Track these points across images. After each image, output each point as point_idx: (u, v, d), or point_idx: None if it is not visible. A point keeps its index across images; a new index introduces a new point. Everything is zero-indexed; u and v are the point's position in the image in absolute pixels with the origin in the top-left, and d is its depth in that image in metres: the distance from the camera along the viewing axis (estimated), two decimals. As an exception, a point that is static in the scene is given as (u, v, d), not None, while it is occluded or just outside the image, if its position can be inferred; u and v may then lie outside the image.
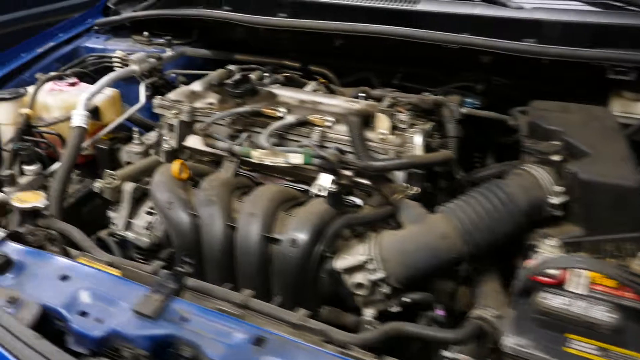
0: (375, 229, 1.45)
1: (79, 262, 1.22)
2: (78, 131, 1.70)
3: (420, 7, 1.84)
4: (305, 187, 1.62)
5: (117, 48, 2.17)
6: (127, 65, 2.10)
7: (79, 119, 1.72)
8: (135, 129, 1.87)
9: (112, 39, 2.30)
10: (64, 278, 1.14)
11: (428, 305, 1.39)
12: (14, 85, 2.02)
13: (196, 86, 1.84)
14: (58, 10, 3.64)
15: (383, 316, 1.40)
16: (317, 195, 1.52)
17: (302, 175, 1.60)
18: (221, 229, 1.46)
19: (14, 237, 1.28)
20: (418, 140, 1.52)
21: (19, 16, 3.39)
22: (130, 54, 2.13)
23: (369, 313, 1.40)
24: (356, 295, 1.39)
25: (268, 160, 1.55)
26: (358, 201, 1.55)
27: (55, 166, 1.74)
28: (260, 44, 2.26)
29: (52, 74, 2.06)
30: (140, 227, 1.62)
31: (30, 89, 1.90)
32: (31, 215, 1.42)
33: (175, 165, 1.55)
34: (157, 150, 1.83)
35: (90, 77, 2.10)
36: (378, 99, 1.80)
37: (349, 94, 1.95)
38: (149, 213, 1.64)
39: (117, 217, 1.65)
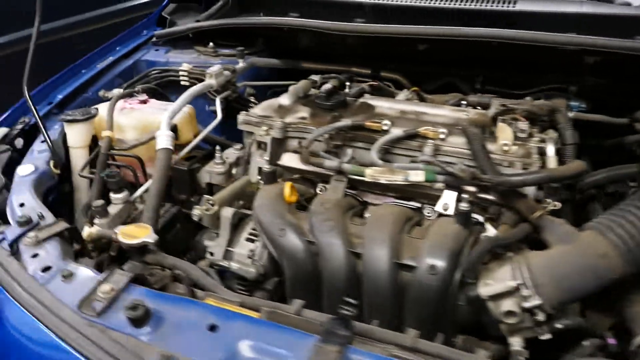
0: (512, 249, 1.34)
1: (215, 306, 1.09)
2: (165, 153, 1.57)
3: (519, 7, 1.73)
4: (414, 204, 1.51)
5: (182, 61, 2.04)
6: (195, 78, 1.99)
7: (165, 140, 1.59)
8: (217, 147, 1.75)
9: (172, 51, 2.17)
10: (212, 328, 1.01)
11: (579, 331, 1.28)
12: (79, 104, 1.89)
13: (284, 100, 1.71)
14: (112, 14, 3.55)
15: (530, 344, 1.29)
16: (441, 215, 1.41)
17: (414, 192, 1.49)
18: (344, 256, 1.34)
19: (138, 279, 1.15)
20: (551, 150, 1.41)
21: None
22: (196, 66, 2.01)
23: (516, 342, 1.28)
24: (502, 324, 1.28)
25: (383, 179, 1.43)
26: (480, 218, 1.44)
27: (139, 192, 1.61)
28: (329, 51, 2.14)
29: (116, 90, 1.94)
30: (243, 256, 1.50)
31: (101, 108, 1.77)
32: (139, 251, 1.29)
33: (287, 188, 1.43)
34: (245, 170, 1.71)
35: (158, 92, 1.98)
36: (482, 107, 1.69)
37: (439, 101, 1.84)
38: (249, 240, 1.52)
39: (215, 245, 1.53)
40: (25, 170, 1.54)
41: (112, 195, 1.52)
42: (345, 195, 1.52)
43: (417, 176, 1.40)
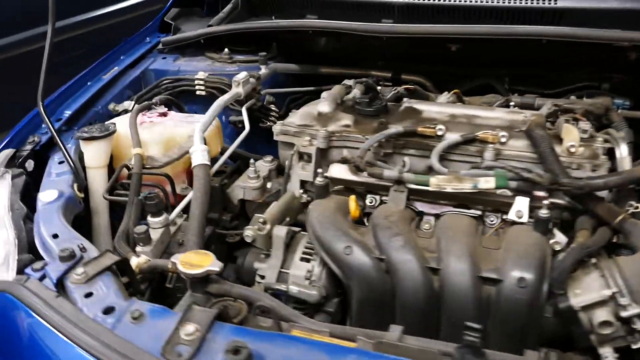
0: (593, 255, 1.28)
1: (317, 340, 0.98)
2: (203, 170, 1.43)
3: (561, 3, 1.68)
4: (474, 212, 1.44)
5: (194, 69, 1.89)
6: (212, 87, 1.86)
7: (201, 156, 1.45)
8: (252, 160, 1.62)
9: (181, 59, 2.01)
10: (323, 365, 0.90)
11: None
12: (89, 119, 1.71)
13: (323, 107, 1.60)
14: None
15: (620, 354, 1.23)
16: (514, 222, 1.34)
17: (474, 199, 1.41)
18: (420, 273, 1.25)
19: (220, 316, 1.02)
20: (625, 151, 1.37)
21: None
22: (212, 74, 1.88)
23: (608, 352, 1.22)
24: (594, 334, 1.21)
25: (450, 187, 1.34)
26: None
27: (175, 214, 1.47)
28: (346, 54, 2.04)
29: (127, 103, 1.78)
30: (300, 278, 1.37)
31: (120, 123, 1.61)
32: (202, 281, 1.15)
33: (352, 202, 1.32)
34: (285, 183, 1.59)
35: (174, 103, 1.83)
36: (526, 107, 1.63)
37: (476, 102, 1.78)
38: (304, 259, 1.40)
39: (267, 267, 1.40)
40: (48, 196, 1.37)
41: (151, 219, 1.38)
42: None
43: (488, 183, 1.32)
